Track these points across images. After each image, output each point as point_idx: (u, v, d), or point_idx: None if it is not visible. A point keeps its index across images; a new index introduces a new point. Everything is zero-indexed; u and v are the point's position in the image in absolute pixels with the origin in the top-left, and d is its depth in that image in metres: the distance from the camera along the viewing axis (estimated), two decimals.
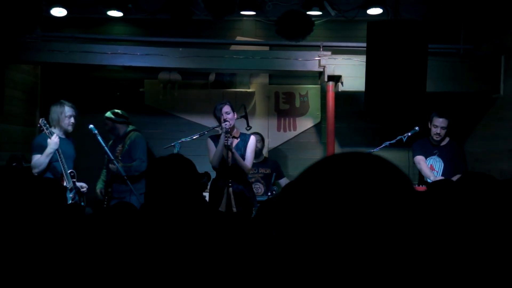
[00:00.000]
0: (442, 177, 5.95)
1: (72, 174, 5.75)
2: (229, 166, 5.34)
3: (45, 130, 5.63)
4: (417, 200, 0.96)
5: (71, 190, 5.63)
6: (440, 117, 6.13)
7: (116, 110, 6.39)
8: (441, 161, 6.24)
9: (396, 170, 0.99)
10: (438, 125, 6.13)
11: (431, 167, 6.25)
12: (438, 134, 6.15)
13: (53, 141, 5.60)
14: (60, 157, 5.62)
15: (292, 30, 6.45)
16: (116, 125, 6.39)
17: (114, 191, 6.23)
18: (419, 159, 6.25)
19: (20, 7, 5.72)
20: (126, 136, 6.36)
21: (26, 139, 7.02)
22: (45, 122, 5.67)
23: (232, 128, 5.55)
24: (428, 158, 6.27)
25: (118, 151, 6.43)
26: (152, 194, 2.49)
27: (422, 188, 5.76)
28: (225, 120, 5.39)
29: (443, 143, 6.28)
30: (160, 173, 2.50)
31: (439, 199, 2.04)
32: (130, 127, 6.49)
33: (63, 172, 5.63)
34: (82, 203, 5.70)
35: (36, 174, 5.55)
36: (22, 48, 6.50)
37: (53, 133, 5.66)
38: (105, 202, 6.08)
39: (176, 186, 2.46)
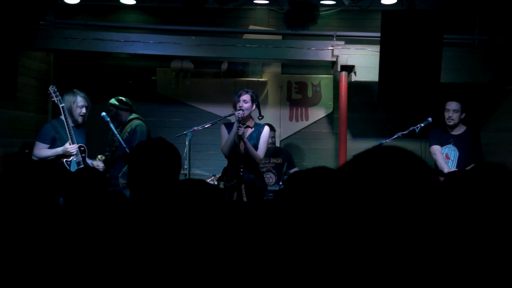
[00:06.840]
0: (456, 169, 5.92)
1: (82, 148, 5.77)
2: (240, 155, 5.31)
3: (54, 97, 5.63)
4: (442, 192, 1.03)
5: (78, 164, 5.66)
6: (451, 101, 6.13)
7: (121, 98, 6.36)
8: (456, 150, 6.18)
9: (423, 164, 1.06)
10: (450, 108, 6.14)
11: (446, 156, 6.19)
12: (450, 117, 6.13)
13: (71, 149, 5.63)
14: (70, 134, 5.65)
15: (294, 19, 6.41)
16: (119, 111, 6.37)
17: (112, 177, 6.30)
18: (435, 149, 6.20)
19: None
20: (127, 123, 6.36)
21: (39, 126, 7.02)
22: (55, 89, 5.66)
23: (247, 117, 5.49)
24: (443, 147, 6.21)
25: (115, 138, 6.51)
26: (135, 180, 2.44)
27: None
28: (240, 108, 5.35)
29: (459, 132, 6.22)
30: (143, 157, 2.47)
31: (453, 190, 2.01)
32: (133, 115, 6.49)
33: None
34: None
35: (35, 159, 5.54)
36: (35, 35, 6.50)
37: (62, 102, 5.66)
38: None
39: (157, 170, 2.43)
